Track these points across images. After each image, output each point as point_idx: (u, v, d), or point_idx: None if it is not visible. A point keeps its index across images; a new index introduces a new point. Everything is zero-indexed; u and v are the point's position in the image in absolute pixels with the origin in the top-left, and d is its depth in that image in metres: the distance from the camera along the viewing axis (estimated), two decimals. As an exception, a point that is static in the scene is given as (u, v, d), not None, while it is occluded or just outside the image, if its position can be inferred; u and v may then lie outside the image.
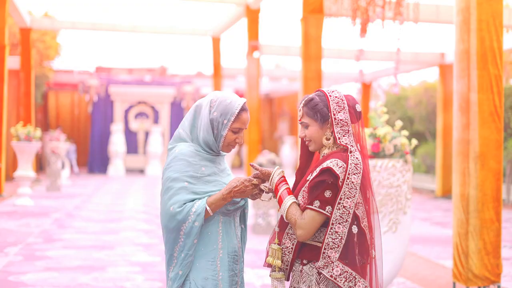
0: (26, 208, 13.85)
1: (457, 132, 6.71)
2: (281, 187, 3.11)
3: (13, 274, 7.39)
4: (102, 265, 8.03)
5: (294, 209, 3.02)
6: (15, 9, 18.27)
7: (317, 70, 12.31)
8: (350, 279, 2.95)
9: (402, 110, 23.30)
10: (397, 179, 5.93)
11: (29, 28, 20.72)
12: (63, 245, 9.40)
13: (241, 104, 3.23)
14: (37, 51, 23.97)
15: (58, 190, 18.31)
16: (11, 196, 16.06)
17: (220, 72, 23.19)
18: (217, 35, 22.92)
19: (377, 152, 5.98)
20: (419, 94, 21.44)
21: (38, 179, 21.72)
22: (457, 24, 6.73)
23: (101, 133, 27.50)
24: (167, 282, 3.25)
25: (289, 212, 3.02)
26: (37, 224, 11.43)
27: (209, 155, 3.26)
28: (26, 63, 20.85)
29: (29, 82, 20.99)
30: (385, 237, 5.95)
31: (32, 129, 14.67)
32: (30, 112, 20.97)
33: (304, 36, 12.22)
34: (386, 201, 5.93)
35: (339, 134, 3.05)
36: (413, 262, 8.73)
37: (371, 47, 19.53)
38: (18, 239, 9.82)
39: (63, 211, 13.63)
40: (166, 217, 3.13)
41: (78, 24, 21.94)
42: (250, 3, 17.79)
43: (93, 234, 10.54)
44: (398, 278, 7.58)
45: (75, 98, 30.48)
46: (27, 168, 14.57)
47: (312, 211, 2.98)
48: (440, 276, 7.85)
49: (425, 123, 21.78)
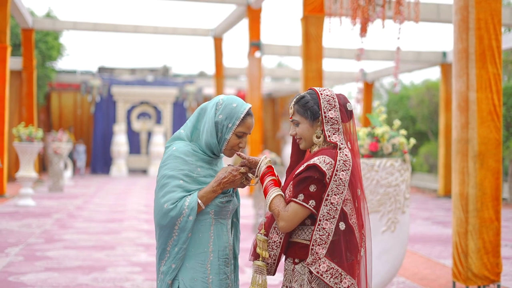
0: (28, 209, 13.87)
1: (456, 131, 6.70)
2: (267, 178, 3.12)
3: (13, 274, 7.40)
4: (102, 265, 8.03)
5: (278, 201, 3.03)
6: (17, 10, 18.29)
7: (318, 69, 12.30)
8: (336, 276, 2.95)
9: (404, 110, 23.29)
10: (396, 178, 5.92)
11: (31, 28, 20.76)
12: (64, 246, 9.41)
13: (247, 108, 3.24)
14: (39, 52, 24.01)
15: (61, 190, 18.34)
16: (13, 196, 16.08)
17: (222, 72, 23.21)
18: (219, 35, 22.94)
19: (375, 152, 5.97)
20: (421, 93, 21.41)
21: (40, 179, 21.76)
22: (456, 23, 6.72)
23: (104, 133, 27.55)
24: (157, 276, 3.24)
25: (273, 203, 3.03)
26: (39, 225, 11.44)
27: (207, 157, 3.26)
28: (29, 63, 20.90)
29: (32, 83, 21.03)
30: (384, 237, 5.95)
31: (34, 129, 14.69)
32: (32, 113, 21.01)
33: (305, 35, 12.21)
34: (385, 201, 5.91)
35: (329, 132, 3.05)
36: (414, 261, 8.72)
37: (373, 46, 19.55)
38: (19, 239, 9.83)
39: (64, 211, 13.65)
40: (160, 214, 3.13)
41: (80, 24, 22.00)
42: (252, 3, 17.80)
43: (94, 234, 10.54)
44: (398, 278, 7.58)
45: (78, 98, 30.51)
46: (29, 169, 14.59)
47: (296, 204, 2.98)
48: (440, 275, 7.83)
49: (427, 123, 21.76)
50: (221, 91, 23.11)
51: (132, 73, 30.34)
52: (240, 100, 3.27)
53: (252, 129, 3.29)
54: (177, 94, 27.87)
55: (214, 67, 23.44)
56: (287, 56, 23.60)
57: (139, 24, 22.02)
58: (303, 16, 12.31)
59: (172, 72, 31.37)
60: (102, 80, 27.41)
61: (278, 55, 21.48)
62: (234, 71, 27.05)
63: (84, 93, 27.24)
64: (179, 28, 22.78)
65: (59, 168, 18.43)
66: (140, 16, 64.79)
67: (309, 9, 12.19)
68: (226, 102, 3.25)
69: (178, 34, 23.09)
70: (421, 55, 19.55)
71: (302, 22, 12.36)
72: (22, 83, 21.32)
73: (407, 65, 21.60)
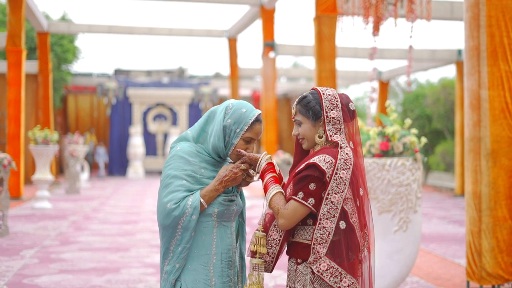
0: (44, 211, 13.96)
1: (468, 130, 6.66)
2: (267, 174, 3.12)
3: (27, 276, 7.44)
4: (116, 267, 8.06)
5: (278, 198, 3.03)
6: (32, 14, 18.44)
7: (331, 69, 12.28)
8: (335, 275, 2.94)
9: (420, 108, 23.17)
10: (407, 177, 5.88)
11: (47, 32, 20.92)
12: (79, 248, 9.46)
13: (256, 114, 3.23)
14: (55, 55, 24.16)
15: (77, 192, 18.45)
16: (30, 199, 16.19)
17: (237, 73, 23.23)
18: (234, 36, 22.96)
19: (386, 151, 5.93)
20: (436, 91, 21.29)
21: (58, 181, 21.90)
22: (467, 21, 6.67)
23: (120, 135, 27.67)
24: (161, 275, 3.25)
25: (273, 200, 3.03)
26: (54, 227, 11.51)
27: (211, 158, 3.26)
28: (44, 67, 21.07)
29: (47, 86, 21.21)
30: (396, 236, 5.91)
31: (49, 132, 14.78)
32: (49, 116, 21.18)
33: (318, 35, 12.19)
34: (396, 200, 5.88)
35: (331, 132, 3.04)
36: (428, 261, 8.67)
37: (388, 45, 19.48)
38: (34, 242, 9.89)
39: (80, 213, 13.72)
40: (163, 214, 3.14)
41: (95, 27, 22.12)
42: (265, 3, 17.80)
43: (109, 236, 10.59)
44: (412, 277, 7.54)
45: (94, 101, 30.68)
46: (45, 171, 14.68)
47: (295, 202, 2.98)
48: (455, 275, 7.78)
49: (443, 121, 21.64)
50: (236, 91, 23.14)
51: (148, 75, 30.46)
52: (250, 105, 3.26)
53: (260, 135, 3.28)
54: (192, 95, 27.93)
55: (229, 68, 23.46)
56: (302, 56, 23.57)
57: (153, 26, 22.09)
58: (316, 16, 12.29)
59: (188, 74, 31.45)
60: (118, 83, 27.54)
61: (292, 55, 21.48)
62: (249, 72, 27.06)
63: (100, 96, 27.38)
64: (194, 30, 22.84)
65: (75, 170, 18.54)
66: (155, 18, 65.00)
67: (322, 9, 12.17)
68: (236, 106, 3.23)
69: (192, 36, 23.15)
70: (436, 53, 19.44)
71: (315, 21, 12.34)
72: (38, 86, 21.48)
73: (422, 64, 21.48)
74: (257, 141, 3.32)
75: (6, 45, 16.36)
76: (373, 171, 5.87)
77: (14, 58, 16.17)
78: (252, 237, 3.16)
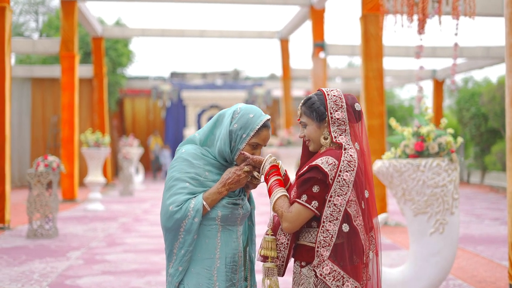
0: (96, 213, 14.20)
1: (509, 129, 6.48)
2: (271, 178, 3.09)
3: (70, 277, 7.57)
4: (157, 269, 8.12)
5: (282, 201, 3.00)
6: (85, 19, 18.80)
7: (378, 68, 12.13)
8: (338, 279, 2.90)
9: (476, 107, 22.69)
10: (443, 178, 5.75)
11: (101, 37, 21.28)
12: (124, 249, 9.57)
13: (263, 120, 3.19)
14: (110, 59, 24.58)
15: (131, 194, 18.72)
16: (84, 201, 16.49)
17: (289, 74, 23.20)
18: (285, 37, 22.93)
19: (421, 151, 5.82)
20: (492, 89, 20.80)
21: (113, 183, 22.27)
22: (507, 17, 6.51)
23: (175, 137, 27.94)
24: (166, 277, 3.25)
25: (277, 204, 3.01)
26: (104, 229, 11.69)
27: (216, 162, 3.24)
28: (99, 71, 21.46)
29: (102, 90, 21.59)
30: (432, 238, 5.79)
31: (101, 135, 15.04)
32: (103, 119, 21.55)
33: (364, 34, 12.07)
34: (432, 201, 5.76)
35: (336, 133, 3.00)
36: (474, 263, 8.46)
37: (442, 43, 19.14)
38: (82, 243, 10.06)
39: (131, 215, 13.91)
40: (166, 216, 3.13)
41: (148, 31, 22.40)
42: (315, 4, 17.71)
43: (155, 237, 10.69)
44: (454, 280, 7.37)
45: (150, 104, 31.07)
46: (97, 174, 14.95)
47: (299, 205, 2.95)
48: (500, 278, 7.58)
49: (499, 120, 21.13)
50: (289, 92, 23.10)
51: (203, 78, 30.68)
52: (258, 110, 3.22)
53: (267, 141, 3.23)
54: (246, 97, 28.00)
55: (281, 69, 23.44)
56: (352, 56, 23.37)
57: (205, 29, 22.24)
58: (362, 15, 12.17)
59: (243, 75, 31.55)
60: (172, 85, 27.82)
61: (343, 55, 21.29)
62: (302, 73, 26.94)
63: (155, 98, 27.70)
64: (245, 31, 22.91)
65: (129, 172, 18.81)
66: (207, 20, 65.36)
67: (368, 8, 12.05)
68: (243, 111, 3.20)
69: (244, 37, 23.21)
70: (491, 50, 19.00)
71: (361, 21, 12.22)
72: (93, 90, 21.88)
73: (477, 61, 21.05)
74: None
75: (59, 50, 16.71)
76: (408, 172, 5.77)
77: (67, 63, 16.49)
78: (262, 241, 3.14)
